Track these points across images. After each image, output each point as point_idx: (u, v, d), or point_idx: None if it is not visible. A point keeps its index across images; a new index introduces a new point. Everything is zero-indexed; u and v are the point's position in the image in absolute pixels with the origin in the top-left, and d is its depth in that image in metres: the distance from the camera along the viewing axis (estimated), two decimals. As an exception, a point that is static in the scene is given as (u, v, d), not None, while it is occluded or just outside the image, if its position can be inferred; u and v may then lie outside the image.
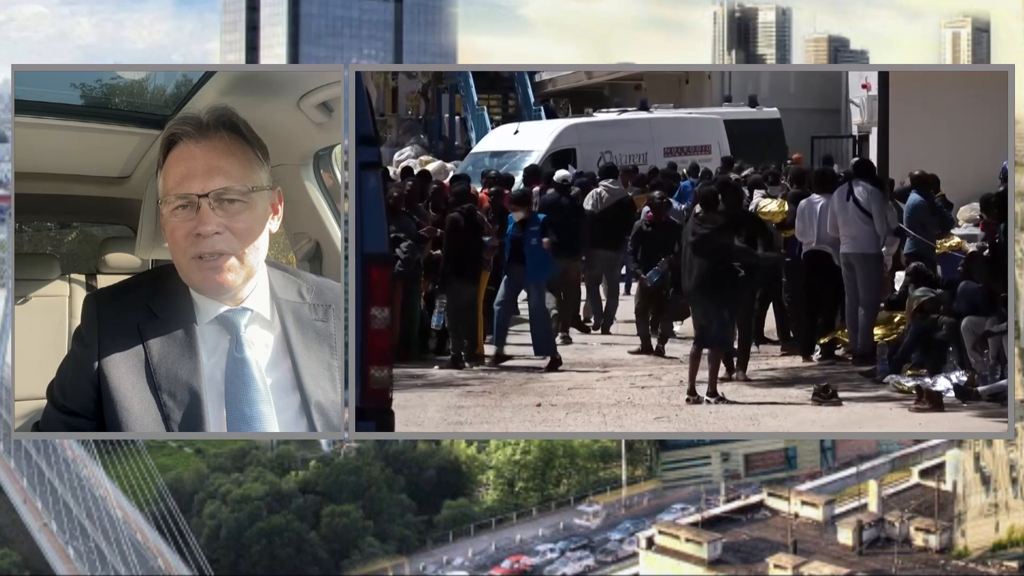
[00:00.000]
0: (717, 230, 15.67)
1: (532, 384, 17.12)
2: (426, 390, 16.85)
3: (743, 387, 16.62)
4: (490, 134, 37.09)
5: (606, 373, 17.87)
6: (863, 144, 40.25)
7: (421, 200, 20.52)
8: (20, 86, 12.32)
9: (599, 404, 15.90)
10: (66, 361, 9.78)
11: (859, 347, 17.19)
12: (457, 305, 18.20)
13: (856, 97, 44.79)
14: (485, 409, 15.84)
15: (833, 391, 15.64)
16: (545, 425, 15.20)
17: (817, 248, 17.62)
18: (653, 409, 15.70)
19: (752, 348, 17.93)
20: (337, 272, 13.11)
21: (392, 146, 43.37)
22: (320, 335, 10.05)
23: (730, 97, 43.22)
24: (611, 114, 36.60)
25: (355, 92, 9.14)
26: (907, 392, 15.65)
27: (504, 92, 45.12)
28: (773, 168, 25.51)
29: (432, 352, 19.02)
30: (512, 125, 35.54)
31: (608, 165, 24.16)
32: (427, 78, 47.49)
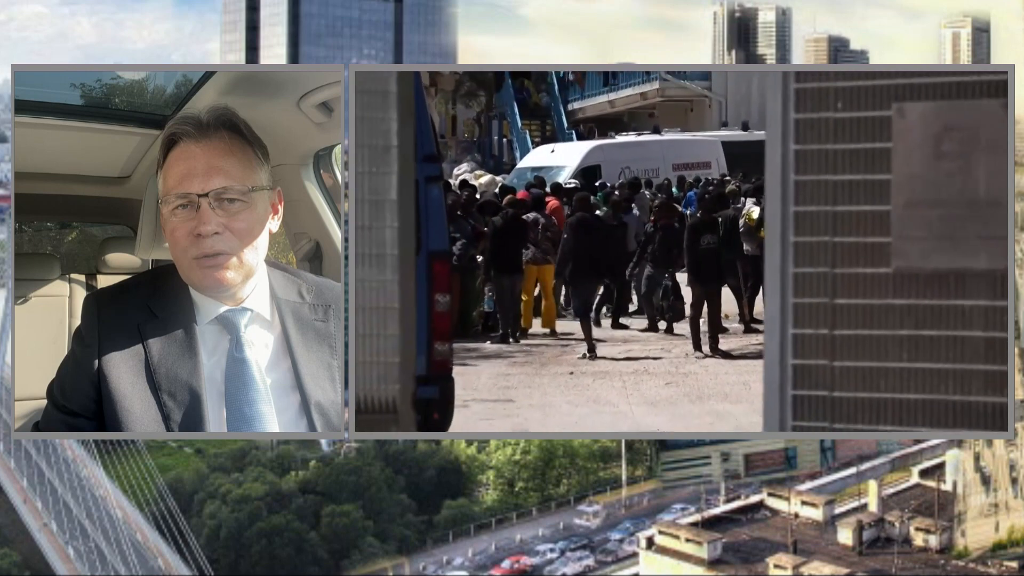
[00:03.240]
0: (702, 228, 20.96)
1: (566, 356, 20.39)
2: (480, 361, 19.91)
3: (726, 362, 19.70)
4: (531, 153, 44.15)
5: (626, 345, 21.28)
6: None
7: (470, 207, 24.07)
8: (20, 86, 12.31)
9: (620, 372, 18.82)
10: (66, 361, 9.77)
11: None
12: (501, 293, 21.77)
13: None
14: (527, 376, 18.70)
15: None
16: (576, 391, 17.57)
17: None
18: (664, 376, 18.49)
19: (736, 325, 22.45)
20: (337, 272, 13.10)
21: (451, 163, 51.37)
22: (320, 335, 10.05)
23: (727, 122, 50.81)
24: (629, 136, 43.25)
25: (417, 110, 9.44)
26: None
27: (542, 119, 54.83)
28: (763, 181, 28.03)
29: (485, 330, 22.44)
30: (549, 145, 43.07)
31: (633, 179, 29.72)
32: (480, 107, 56.47)
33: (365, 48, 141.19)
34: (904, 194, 7.04)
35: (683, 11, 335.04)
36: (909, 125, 7.16)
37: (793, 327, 7.41)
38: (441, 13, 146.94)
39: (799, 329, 7.41)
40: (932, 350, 7.26)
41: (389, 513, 54.68)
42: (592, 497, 57.50)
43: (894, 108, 7.22)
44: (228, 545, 51.61)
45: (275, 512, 52.69)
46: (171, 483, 53.21)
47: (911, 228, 7.14)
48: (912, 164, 7.15)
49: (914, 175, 7.14)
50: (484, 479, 59.77)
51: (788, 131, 7.38)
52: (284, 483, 55.66)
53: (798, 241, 7.22)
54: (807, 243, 7.31)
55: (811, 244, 7.31)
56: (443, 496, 56.92)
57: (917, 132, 7.16)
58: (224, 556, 51.23)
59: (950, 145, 7.10)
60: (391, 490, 55.93)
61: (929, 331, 7.21)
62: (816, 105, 7.34)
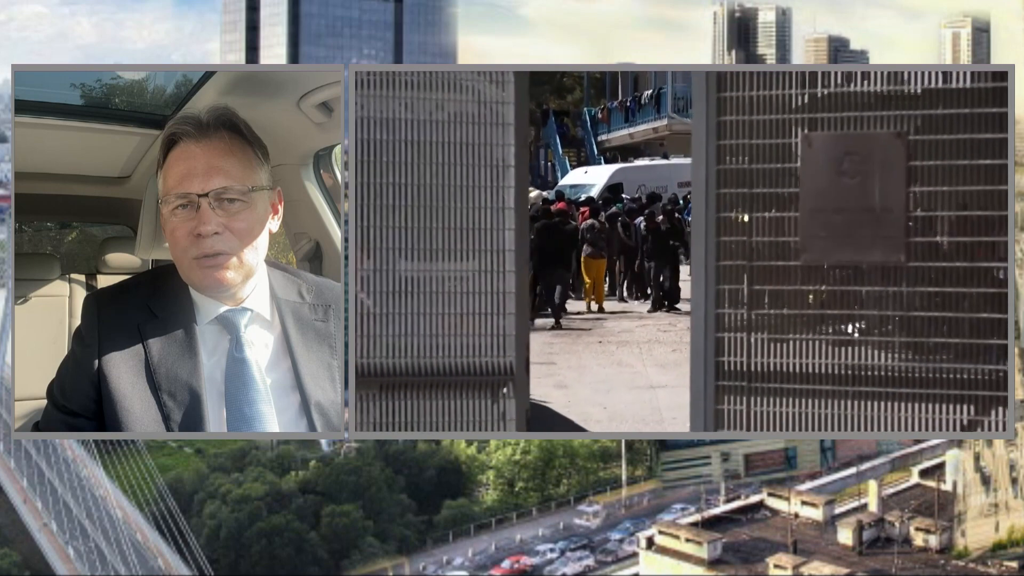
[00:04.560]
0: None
1: (595, 329, 25.37)
2: (532, 333, 22.63)
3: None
4: (569, 173, 54.85)
5: (642, 322, 26.26)
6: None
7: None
8: (20, 86, 12.32)
9: (637, 341, 23.14)
10: (66, 361, 9.77)
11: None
12: (547, 285, 25.99)
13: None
14: (566, 344, 22.79)
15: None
16: (604, 355, 21.49)
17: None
18: (671, 344, 22.34)
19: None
20: (337, 272, 13.09)
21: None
22: (320, 335, 10.04)
23: None
24: (645, 161, 54.32)
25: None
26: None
27: (578, 147, 68.56)
28: None
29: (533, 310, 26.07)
30: (583, 168, 55.19)
31: (652, 193, 37.44)
32: (531, 138, 66.66)
33: (365, 48, 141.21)
34: (810, 203, 8.95)
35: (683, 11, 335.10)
36: (815, 151, 8.95)
37: (716, 308, 9.32)
38: (441, 13, 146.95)
39: (720, 309, 9.30)
40: (834, 324, 9.09)
41: (389, 513, 54.68)
42: (592, 497, 57.51)
43: (801, 137, 9.00)
44: (228, 545, 51.61)
45: (275, 512, 52.69)
46: (171, 483, 53.20)
47: (816, 230, 8.90)
48: (817, 180, 8.90)
49: (819, 189, 8.90)
50: (484, 479, 59.75)
51: (711, 154, 9.45)
52: (284, 483, 55.66)
53: (720, 240, 9.29)
54: (727, 242, 9.27)
55: (731, 243, 9.25)
56: (443, 496, 56.92)
57: (821, 156, 8.91)
58: (224, 556, 51.23)
59: (849, 165, 8.82)
60: (391, 490, 55.93)
61: (832, 311, 9.02)
62: (735, 134, 9.48)
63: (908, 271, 8.94)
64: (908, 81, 8.98)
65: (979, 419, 9.06)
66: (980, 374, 8.93)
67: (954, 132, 8.86)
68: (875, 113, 9.00)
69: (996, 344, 8.90)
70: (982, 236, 8.83)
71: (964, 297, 8.91)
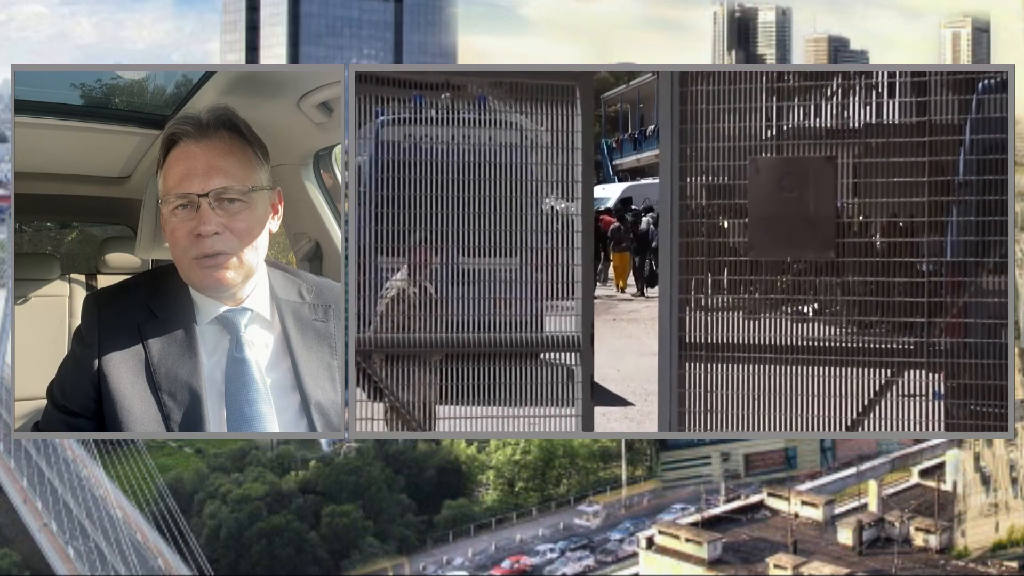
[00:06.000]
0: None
1: (612, 309, 30.04)
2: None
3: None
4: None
5: (646, 303, 31.05)
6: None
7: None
8: (20, 86, 12.31)
9: (644, 319, 27.44)
10: (66, 361, 9.77)
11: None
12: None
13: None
14: None
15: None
16: (617, 330, 26.01)
17: None
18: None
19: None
20: (337, 272, 13.09)
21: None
22: (320, 335, 10.05)
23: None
24: (648, 180, 57.63)
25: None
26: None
27: (598, 169, 74.00)
28: None
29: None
30: (601, 185, 59.26)
31: (647, 206, 41.33)
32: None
33: (365, 48, 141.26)
34: (756, 212, 11.71)
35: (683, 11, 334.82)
36: (760, 173, 11.69)
37: (679, 293, 12.18)
38: (441, 13, 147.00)
39: (683, 295, 12.15)
40: (776, 306, 11.77)
41: (389, 513, 54.71)
42: (592, 497, 57.53)
43: (750, 161, 11.75)
44: (228, 545, 51.63)
45: (275, 512, 52.72)
46: (171, 483, 53.22)
47: (762, 232, 11.63)
48: (762, 194, 11.65)
49: (763, 199, 11.64)
50: (484, 479, 59.77)
51: (675, 171, 12.83)
52: (284, 483, 55.69)
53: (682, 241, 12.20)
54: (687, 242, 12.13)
55: (692, 242, 12.09)
56: (443, 496, 56.94)
57: (764, 176, 11.68)
58: (224, 556, 51.25)
59: (788, 183, 11.56)
60: (391, 490, 55.95)
61: (776, 295, 11.73)
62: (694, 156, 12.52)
63: (846, 265, 11.50)
64: (851, 119, 11.60)
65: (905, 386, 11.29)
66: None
67: (888, 156, 11.32)
68: (822, 141, 11.64)
69: (920, 322, 11.25)
70: (909, 237, 11.23)
71: (893, 286, 11.28)
